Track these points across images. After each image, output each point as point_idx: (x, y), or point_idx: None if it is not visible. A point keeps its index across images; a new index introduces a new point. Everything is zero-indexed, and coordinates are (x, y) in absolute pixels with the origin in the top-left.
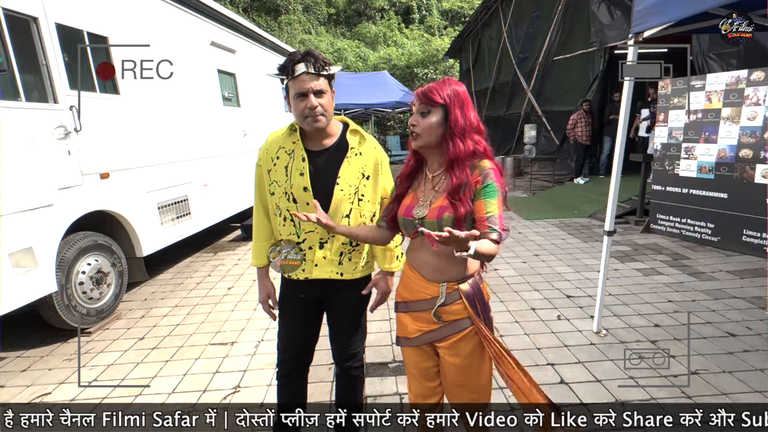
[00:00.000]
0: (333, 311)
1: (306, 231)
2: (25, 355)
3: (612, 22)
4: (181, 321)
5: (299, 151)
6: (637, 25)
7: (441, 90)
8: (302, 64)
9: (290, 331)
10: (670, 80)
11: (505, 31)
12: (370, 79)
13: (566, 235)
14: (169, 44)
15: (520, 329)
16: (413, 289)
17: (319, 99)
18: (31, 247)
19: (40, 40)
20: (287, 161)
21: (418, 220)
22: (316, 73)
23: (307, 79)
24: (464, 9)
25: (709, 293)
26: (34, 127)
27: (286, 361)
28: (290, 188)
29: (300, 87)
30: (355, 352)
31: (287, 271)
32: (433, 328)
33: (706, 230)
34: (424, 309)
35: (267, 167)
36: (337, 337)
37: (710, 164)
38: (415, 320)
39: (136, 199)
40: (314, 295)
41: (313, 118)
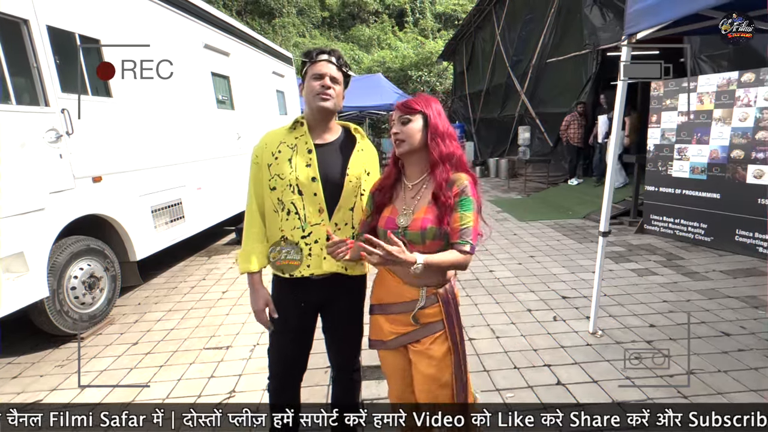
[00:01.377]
0: (332, 315)
1: (312, 224)
2: (16, 361)
3: (605, 24)
4: (175, 325)
5: (304, 143)
6: (630, 26)
7: (419, 101)
8: (326, 54)
9: (285, 348)
10: (663, 82)
11: (499, 33)
12: (364, 81)
13: (561, 236)
14: (162, 47)
15: (516, 330)
16: (392, 292)
17: (333, 84)
18: (22, 252)
19: (31, 43)
20: (290, 154)
21: (401, 230)
22: (336, 64)
23: (326, 65)
24: (458, 12)
25: (703, 293)
26: (24, 130)
27: (279, 375)
28: (295, 180)
29: (319, 69)
30: (356, 355)
31: (288, 271)
32: (408, 330)
33: (699, 230)
34: (402, 311)
35: (267, 162)
36: (336, 342)
37: (702, 165)
38: (391, 323)
39: (129, 202)
40: (314, 300)
41: (323, 96)
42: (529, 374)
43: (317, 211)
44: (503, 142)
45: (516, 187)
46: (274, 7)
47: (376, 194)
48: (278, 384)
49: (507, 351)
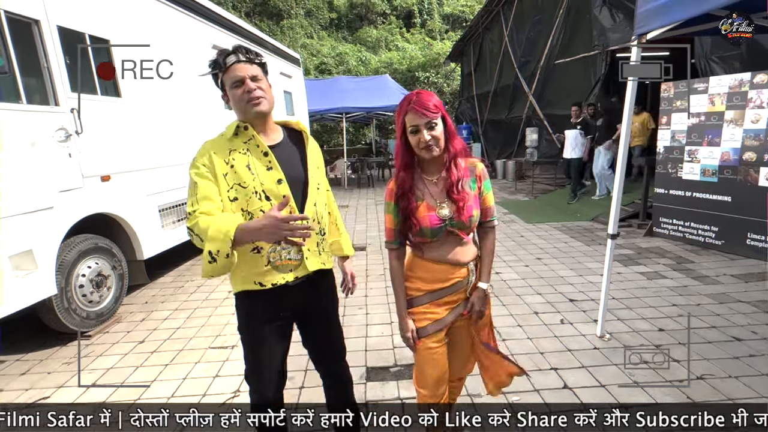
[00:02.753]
0: (312, 321)
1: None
2: (24, 358)
3: (614, 25)
4: (181, 324)
5: (255, 147)
6: (640, 26)
7: (434, 101)
8: (233, 56)
9: (266, 372)
10: (673, 83)
11: (507, 34)
12: (371, 82)
13: (569, 239)
14: (170, 47)
15: (522, 333)
16: (442, 278)
17: (257, 83)
18: (31, 250)
19: (41, 43)
20: (246, 160)
21: (447, 222)
22: (248, 60)
23: (240, 68)
24: (465, 13)
25: (714, 297)
26: (34, 129)
27: (261, 395)
28: (260, 186)
29: (235, 75)
30: (342, 353)
31: (282, 271)
32: (459, 302)
33: (710, 233)
34: (455, 291)
35: (222, 171)
36: (321, 344)
37: (714, 167)
38: (442, 305)
39: (137, 201)
40: (292, 307)
41: (252, 102)
42: (535, 377)
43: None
44: (510, 144)
45: (523, 188)
46: (283, 8)
47: (401, 200)
48: (261, 402)
49: (513, 354)
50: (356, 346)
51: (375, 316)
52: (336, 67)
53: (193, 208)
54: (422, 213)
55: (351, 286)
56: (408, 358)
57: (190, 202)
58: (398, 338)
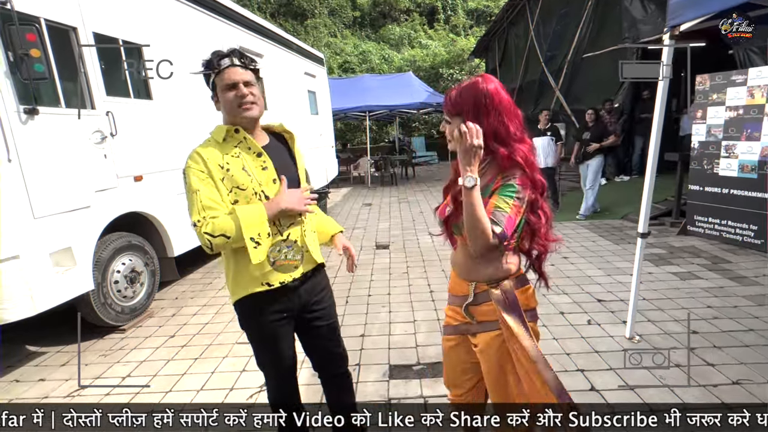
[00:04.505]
0: (314, 319)
1: (287, 226)
2: (64, 350)
3: (646, 16)
4: (209, 320)
5: (248, 149)
6: (673, 18)
7: (451, 97)
8: (227, 59)
9: (284, 370)
10: (708, 75)
11: (533, 28)
12: (395, 80)
13: (597, 237)
14: (199, 49)
15: (548, 334)
16: (452, 285)
17: (250, 89)
18: (70, 247)
19: (78, 49)
20: (241, 163)
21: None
22: (242, 65)
23: (235, 71)
24: (490, 8)
25: (752, 299)
26: (72, 132)
27: (281, 393)
28: (259, 186)
29: (228, 78)
30: (345, 358)
31: (285, 271)
32: (466, 321)
33: (749, 232)
34: (458, 304)
35: (218, 176)
36: (321, 343)
37: (753, 163)
38: (455, 312)
39: (168, 200)
40: (295, 305)
41: (245, 107)
42: (561, 379)
43: None
44: None
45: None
46: (307, 8)
47: (450, 187)
48: (281, 401)
49: None
50: (379, 344)
51: (399, 314)
52: (359, 65)
53: (200, 215)
54: (444, 203)
55: (350, 256)
56: (431, 357)
57: (195, 210)
58: (421, 336)
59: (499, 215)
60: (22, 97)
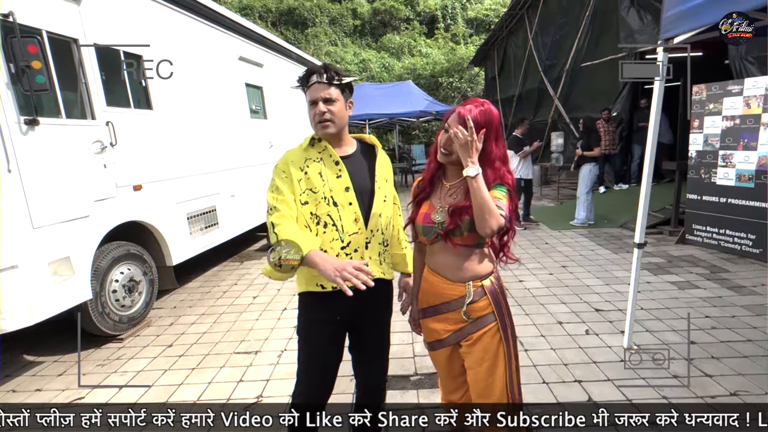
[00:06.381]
0: (366, 326)
1: (349, 234)
2: (61, 359)
3: (642, 26)
4: (207, 329)
5: (328, 156)
6: (667, 31)
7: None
8: (315, 75)
9: (316, 374)
10: (705, 85)
11: (531, 38)
12: (394, 89)
13: (595, 246)
14: (200, 60)
15: (545, 343)
16: (438, 293)
17: (329, 106)
18: (69, 257)
19: (79, 60)
20: (319, 168)
21: (437, 225)
22: (326, 82)
23: (317, 88)
24: (490, 17)
25: (750, 308)
26: (73, 142)
27: (307, 397)
28: (329, 192)
29: (312, 95)
30: (386, 371)
31: (285, 271)
32: (460, 327)
33: (747, 241)
34: (453, 309)
35: (296, 177)
36: (368, 360)
37: (750, 172)
38: (442, 322)
39: (167, 210)
40: (348, 312)
41: (321, 124)
42: (558, 390)
43: (353, 220)
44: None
45: (548, 194)
46: (307, 17)
47: (420, 188)
48: (300, 392)
49: (536, 365)
50: None
51: (396, 324)
52: (359, 73)
53: (275, 203)
54: (423, 210)
55: (402, 305)
56: (428, 368)
57: (273, 197)
58: (419, 347)
59: (499, 203)
60: (23, 107)
